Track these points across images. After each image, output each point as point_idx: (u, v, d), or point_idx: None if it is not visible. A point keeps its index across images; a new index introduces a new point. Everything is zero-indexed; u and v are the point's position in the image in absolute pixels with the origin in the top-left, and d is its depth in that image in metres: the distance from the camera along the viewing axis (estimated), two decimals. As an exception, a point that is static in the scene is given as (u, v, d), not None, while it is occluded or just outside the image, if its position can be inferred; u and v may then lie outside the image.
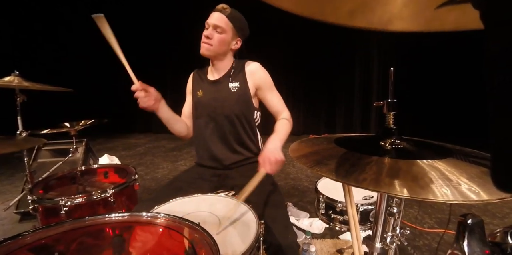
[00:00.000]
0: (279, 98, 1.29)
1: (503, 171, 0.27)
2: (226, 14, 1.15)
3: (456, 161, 0.53)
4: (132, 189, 1.37)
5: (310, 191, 2.53)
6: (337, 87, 5.06)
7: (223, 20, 1.15)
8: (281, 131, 1.17)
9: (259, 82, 1.25)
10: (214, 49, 1.18)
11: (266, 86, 1.26)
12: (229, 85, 1.24)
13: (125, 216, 0.73)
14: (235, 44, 1.23)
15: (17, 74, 1.61)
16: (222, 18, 1.15)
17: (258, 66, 1.27)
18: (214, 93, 1.25)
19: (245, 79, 1.24)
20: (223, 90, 1.24)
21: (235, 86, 1.23)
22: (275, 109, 1.28)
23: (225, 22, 1.15)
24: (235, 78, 1.25)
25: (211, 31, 1.16)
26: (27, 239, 0.62)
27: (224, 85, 1.25)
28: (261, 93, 1.26)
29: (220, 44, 1.18)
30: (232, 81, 1.24)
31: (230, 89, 1.23)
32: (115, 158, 3.03)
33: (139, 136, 5.55)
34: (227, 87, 1.24)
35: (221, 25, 1.15)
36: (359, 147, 0.63)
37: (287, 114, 1.26)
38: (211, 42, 1.16)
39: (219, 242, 0.57)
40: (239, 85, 1.23)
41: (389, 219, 0.70)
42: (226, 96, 1.23)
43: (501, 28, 0.26)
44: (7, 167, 3.35)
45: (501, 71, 0.25)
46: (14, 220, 2.03)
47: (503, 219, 2.02)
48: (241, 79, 1.24)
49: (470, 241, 0.44)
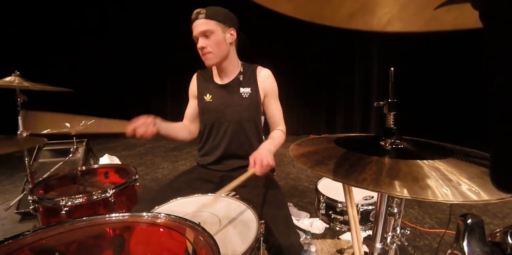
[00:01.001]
0: (279, 109, 1.29)
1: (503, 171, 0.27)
2: (203, 17, 1.11)
3: (456, 161, 0.53)
4: (132, 189, 1.37)
5: (310, 191, 2.53)
6: (337, 87, 5.06)
7: (204, 23, 1.10)
8: (276, 139, 1.20)
9: (268, 90, 1.25)
10: (216, 54, 1.15)
11: (271, 94, 1.26)
12: (240, 91, 1.22)
13: (126, 216, 0.73)
14: (230, 36, 1.17)
15: (17, 75, 1.61)
16: (203, 22, 1.10)
17: (270, 73, 1.27)
18: (224, 98, 1.23)
19: (256, 85, 1.23)
20: (234, 95, 1.22)
21: (246, 91, 1.22)
22: (274, 120, 1.29)
23: (207, 23, 1.10)
24: (247, 83, 1.23)
25: (202, 41, 1.12)
26: (27, 239, 0.62)
27: (235, 90, 1.22)
28: (267, 100, 1.26)
29: (218, 46, 1.14)
30: (244, 87, 1.22)
31: (241, 94, 1.22)
32: (115, 158, 3.02)
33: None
34: (238, 92, 1.22)
35: (206, 29, 1.10)
36: (359, 147, 0.63)
37: (283, 128, 1.28)
38: (209, 49, 1.13)
39: (219, 242, 0.58)
40: (250, 91, 1.22)
41: (390, 219, 0.70)
42: (237, 102, 1.21)
43: (501, 28, 0.26)
44: (8, 167, 3.36)
45: (501, 71, 0.25)
46: (14, 220, 2.03)
47: (503, 219, 2.02)
48: (253, 85, 1.23)
49: (470, 241, 0.44)
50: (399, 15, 0.47)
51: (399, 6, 0.45)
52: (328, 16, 0.46)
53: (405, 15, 0.47)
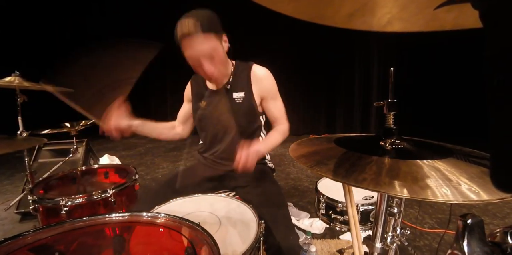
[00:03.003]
0: (280, 107, 1.20)
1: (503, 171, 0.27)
2: (198, 31, 0.91)
3: (456, 161, 0.53)
4: (132, 189, 1.37)
5: (310, 191, 2.53)
6: (337, 87, 5.06)
7: (205, 40, 0.93)
8: (270, 139, 1.13)
9: (265, 91, 1.16)
10: (222, 72, 1.08)
11: (270, 95, 1.17)
12: (233, 96, 1.14)
13: (125, 216, 0.73)
14: (225, 44, 1.05)
15: (17, 75, 1.61)
16: (203, 39, 0.92)
17: (266, 72, 1.16)
18: (218, 105, 1.16)
19: (250, 88, 1.14)
20: (229, 101, 1.15)
21: (240, 96, 1.14)
22: (274, 118, 1.21)
23: (207, 38, 0.93)
24: (239, 87, 1.14)
25: (208, 64, 0.97)
26: (27, 239, 0.62)
27: (229, 95, 1.15)
28: (265, 102, 1.18)
29: (223, 64, 1.05)
30: (236, 91, 1.14)
31: (234, 100, 1.14)
32: (115, 158, 3.03)
33: (139, 136, 5.51)
34: (232, 97, 1.14)
35: (209, 47, 0.94)
36: (359, 147, 0.63)
37: (284, 126, 1.20)
38: (217, 73, 1.02)
39: (219, 242, 0.58)
40: (244, 95, 1.14)
41: (390, 219, 0.70)
42: (233, 108, 1.14)
43: (501, 28, 0.26)
44: (8, 167, 3.36)
45: (500, 71, 0.25)
46: (14, 220, 2.03)
47: (503, 219, 2.02)
48: (246, 87, 1.14)
49: (470, 241, 0.44)
50: (399, 15, 0.47)
51: (399, 6, 0.45)
52: (328, 16, 0.46)
53: (405, 15, 0.47)
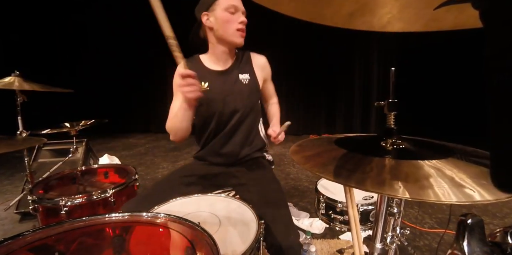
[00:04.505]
0: (273, 86, 1.34)
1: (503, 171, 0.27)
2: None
3: (457, 160, 0.53)
4: (132, 189, 1.37)
5: (310, 191, 2.53)
6: (337, 87, 5.06)
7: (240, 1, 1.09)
8: (276, 115, 1.31)
9: (266, 77, 1.26)
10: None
11: (269, 79, 1.29)
12: (239, 77, 1.16)
13: (125, 216, 0.73)
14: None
15: (17, 75, 1.61)
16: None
17: (266, 60, 1.26)
18: (224, 86, 1.14)
19: (253, 71, 1.19)
20: (235, 82, 1.15)
21: (245, 78, 1.17)
22: (268, 96, 1.35)
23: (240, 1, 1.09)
24: (244, 69, 1.18)
25: (243, 16, 1.08)
26: (27, 239, 0.62)
27: (235, 76, 1.16)
28: (264, 84, 1.28)
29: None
30: (242, 73, 1.17)
31: (241, 81, 1.16)
32: (115, 158, 3.02)
33: (139, 136, 5.54)
34: (238, 79, 1.16)
35: (243, 8, 1.09)
36: (360, 148, 0.63)
37: (276, 99, 1.36)
38: (244, 29, 1.10)
39: (219, 242, 0.57)
40: (249, 77, 1.17)
41: (390, 219, 0.70)
42: (239, 89, 1.15)
43: (501, 28, 0.26)
44: (7, 167, 3.35)
45: (500, 70, 0.25)
46: (14, 220, 2.03)
47: (503, 219, 2.02)
48: (250, 70, 1.19)
49: (470, 241, 0.44)
50: (399, 15, 0.47)
51: (399, 6, 0.45)
52: (328, 16, 0.46)
53: (405, 15, 0.47)
